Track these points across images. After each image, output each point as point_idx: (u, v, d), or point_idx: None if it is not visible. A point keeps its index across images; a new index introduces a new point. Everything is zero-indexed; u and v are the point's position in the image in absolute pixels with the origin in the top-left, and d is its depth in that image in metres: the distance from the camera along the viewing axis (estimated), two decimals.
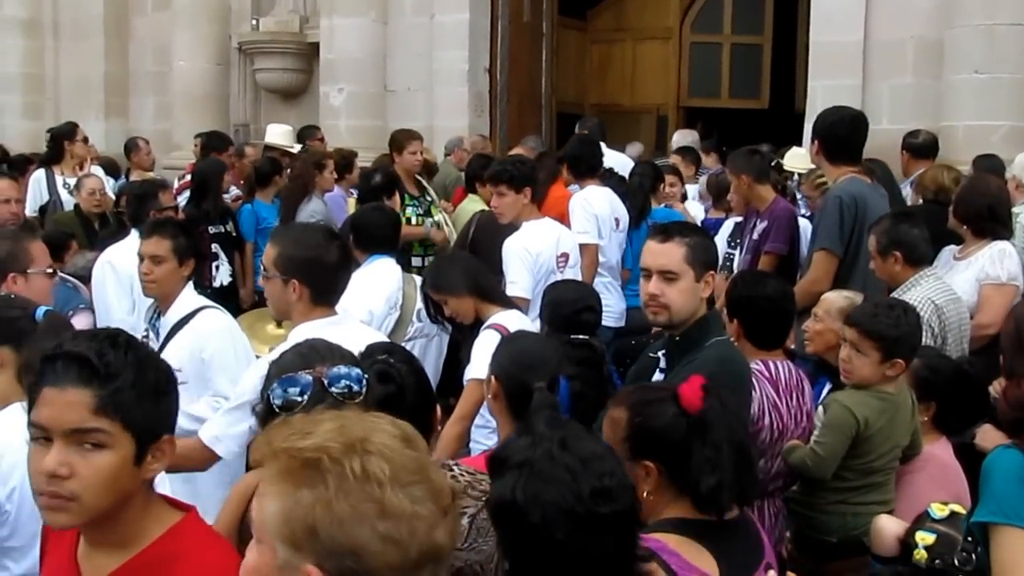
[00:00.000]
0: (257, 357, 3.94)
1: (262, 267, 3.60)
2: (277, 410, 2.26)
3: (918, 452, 3.86)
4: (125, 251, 4.98)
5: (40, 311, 3.01)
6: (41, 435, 1.91)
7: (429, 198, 7.49)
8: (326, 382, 2.27)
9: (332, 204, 7.65)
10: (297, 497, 1.38)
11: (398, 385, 2.48)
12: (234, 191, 8.55)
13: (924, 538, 2.92)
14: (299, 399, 2.26)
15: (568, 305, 4.20)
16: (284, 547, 1.39)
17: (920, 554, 2.88)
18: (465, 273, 4.38)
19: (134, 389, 1.92)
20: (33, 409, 1.92)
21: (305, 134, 10.06)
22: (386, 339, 3.85)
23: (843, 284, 4.90)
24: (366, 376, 2.30)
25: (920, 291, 4.55)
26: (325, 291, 3.50)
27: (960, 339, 4.65)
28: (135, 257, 4.39)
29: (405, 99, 11.30)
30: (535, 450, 2.00)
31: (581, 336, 3.66)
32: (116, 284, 5.10)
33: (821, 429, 3.72)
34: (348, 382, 2.28)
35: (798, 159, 7.91)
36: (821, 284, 4.95)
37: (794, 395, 3.87)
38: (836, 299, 4.35)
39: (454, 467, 2.62)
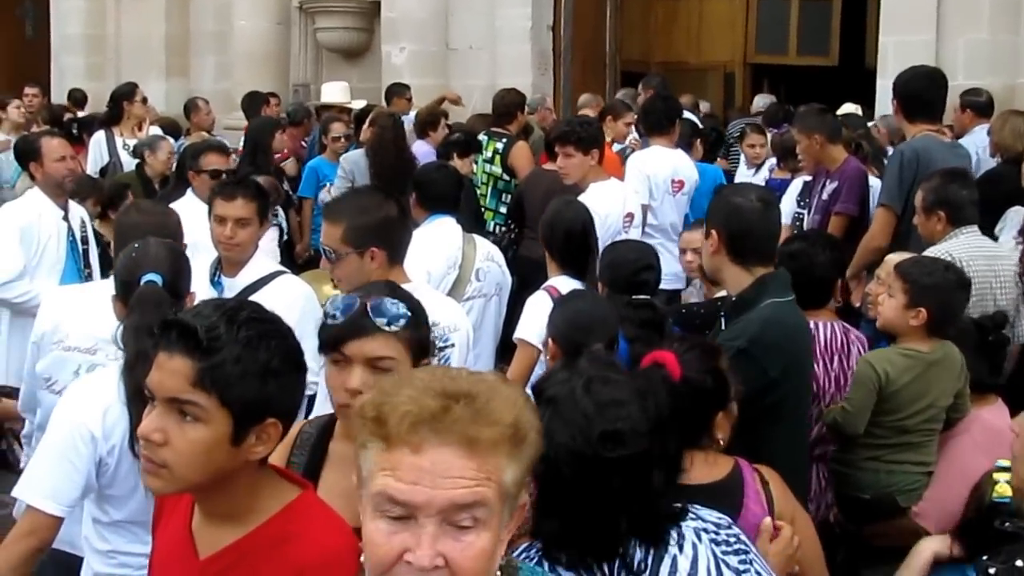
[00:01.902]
0: None
1: (329, 251, 3.43)
2: (325, 318, 2.36)
3: (963, 415, 3.85)
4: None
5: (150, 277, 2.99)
6: (150, 397, 1.90)
7: None
8: (369, 309, 2.30)
9: (422, 159, 7.58)
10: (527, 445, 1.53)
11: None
12: (285, 150, 8.55)
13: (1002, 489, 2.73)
14: (339, 315, 2.32)
15: (627, 265, 4.18)
16: (515, 500, 1.53)
17: (1003, 488, 2.67)
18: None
19: (238, 365, 1.85)
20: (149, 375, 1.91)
21: (394, 92, 10.02)
22: (459, 309, 3.84)
23: (903, 240, 4.92)
24: (406, 317, 2.31)
25: (945, 245, 4.46)
26: (399, 249, 3.44)
27: (991, 295, 4.47)
28: (189, 216, 4.28)
29: (467, 58, 11.21)
30: (564, 388, 2.09)
31: (642, 296, 3.67)
32: None
33: (850, 386, 3.78)
34: (384, 317, 2.30)
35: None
36: (877, 240, 5.07)
37: (836, 358, 3.88)
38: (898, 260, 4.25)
39: None
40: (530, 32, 10.85)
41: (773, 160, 8.24)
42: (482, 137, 7.68)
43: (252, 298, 3.95)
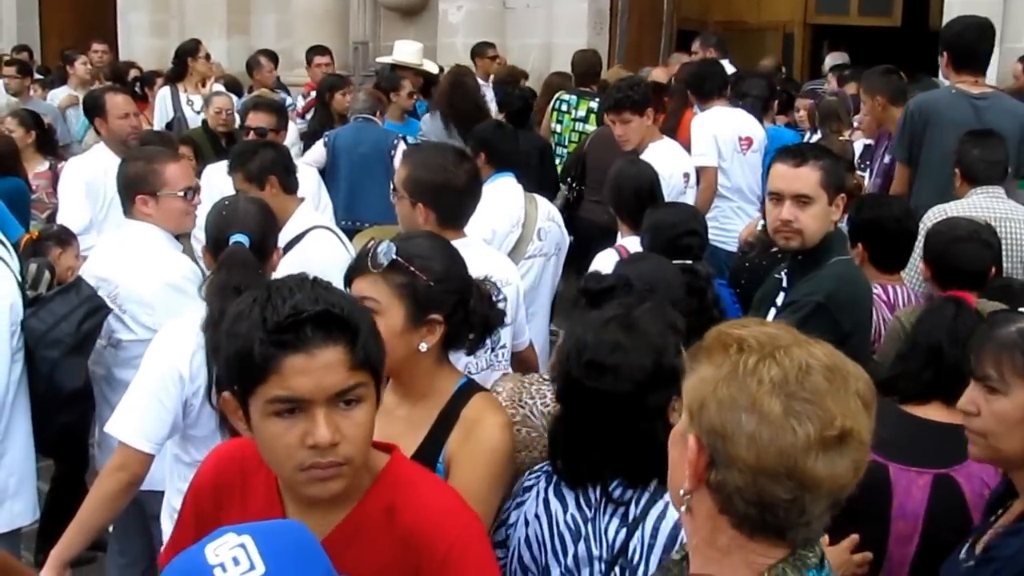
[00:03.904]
0: None
1: (392, 186, 3.58)
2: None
3: None
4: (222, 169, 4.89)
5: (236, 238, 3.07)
6: (286, 408, 1.72)
7: None
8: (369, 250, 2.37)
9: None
10: (702, 372, 1.47)
11: None
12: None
13: None
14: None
15: (668, 229, 4.10)
16: (686, 414, 1.49)
17: None
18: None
19: (372, 332, 1.80)
20: (273, 382, 1.71)
21: (478, 51, 10.04)
22: (509, 263, 3.88)
23: (909, 191, 5.06)
24: (389, 260, 2.34)
25: (952, 204, 4.47)
26: (452, 215, 3.47)
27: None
28: None
29: (524, 16, 11.18)
30: (593, 318, 2.27)
31: (686, 261, 3.63)
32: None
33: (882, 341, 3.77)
34: (376, 259, 2.34)
35: None
36: (897, 193, 5.11)
37: None
38: None
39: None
40: None
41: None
42: (570, 96, 7.72)
43: (290, 251, 4.09)
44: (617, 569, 2.12)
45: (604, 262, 4.27)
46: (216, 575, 1.39)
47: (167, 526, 3.11)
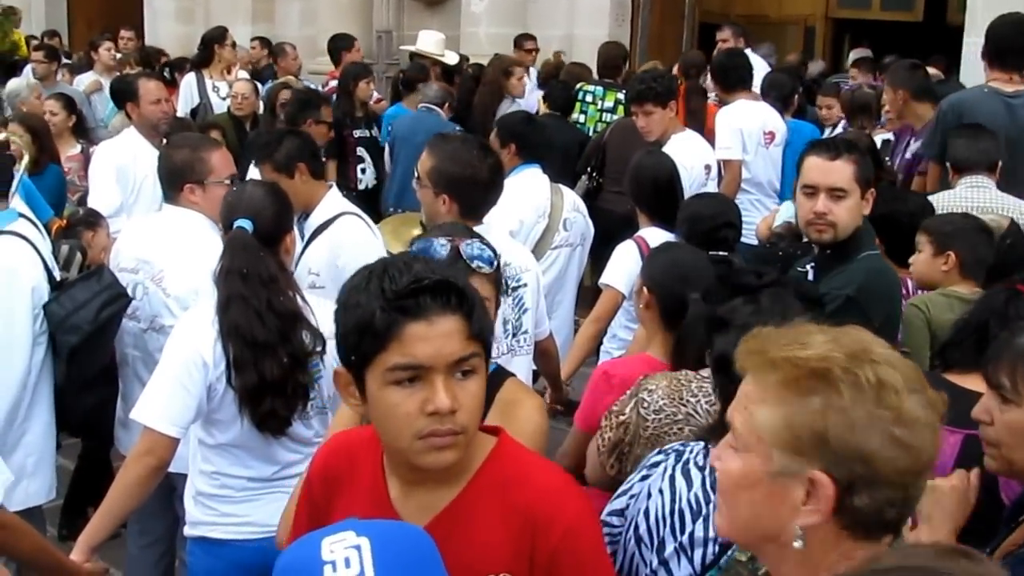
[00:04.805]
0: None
1: (416, 174, 3.63)
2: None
3: None
4: None
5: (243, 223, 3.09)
6: (406, 376, 1.74)
7: None
8: (463, 254, 2.37)
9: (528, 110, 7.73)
10: (804, 404, 1.40)
11: None
12: (375, 95, 8.67)
13: None
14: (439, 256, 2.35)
15: (706, 221, 4.14)
16: (783, 453, 1.42)
17: None
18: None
19: (483, 307, 1.83)
20: (393, 349, 1.73)
21: (517, 42, 10.13)
22: (528, 252, 3.93)
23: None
24: (495, 258, 2.39)
25: (935, 196, 4.57)
26: (474, 207, 3.52)
27: None
28: None
29: (545, 7, 11.19)
30: (755, 318, 2.18)
31: (720, 252, 3.64)
32: None
33: (902, 332, 3.76)
34: (479, 260, 2.37)
35: None
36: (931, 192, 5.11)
37: None
38: None
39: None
40: None
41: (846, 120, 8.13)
42: (595, 87, 7.78)
43: (319, 236, 4.12)
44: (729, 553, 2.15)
45: (624, 253, 4.32)
46: (326, 573, 1.39)
47: (190, 507, 3.18)
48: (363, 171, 7.55)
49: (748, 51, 7.56)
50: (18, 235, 3.66)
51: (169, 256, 3.74)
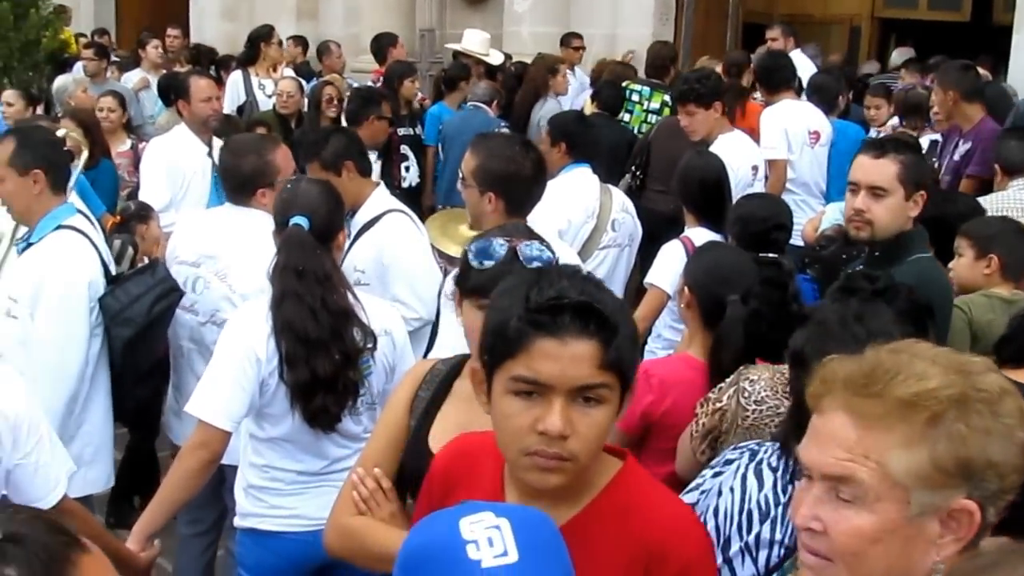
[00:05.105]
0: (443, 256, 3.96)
1: (460, 175, 3.65)
2: (474, 264, 2.35)
3: None
4: None
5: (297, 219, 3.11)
6: (528, 389, 1.72)
7: None
8: (520, 255, 2.32)
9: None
10: (947, 437, 1.37)
11: None
12: (419, 93, 8.72)
13: None
14: (486, 262, 2.33)
15: (758, 222, 4.14)
16: (924, 492, 1.38)
17: None
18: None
19: (629, 338, 1.77)
20: (520, 360, 1.72)
21: (564, 41, 10.15)
22: (573, 252, 3.93)
23: None
24: (553, 259, 2.35)
25: (985, 199, 4.57)
26: (519, 204, 3.53)
27: None
28: None
29: (589, 6, 11.17)
30: (835, 315, 2.25)
31: (771, 254, 3.64)
32: None
33: None
34: (538, 261, 2.30)
35: None
36: None
37: None
38: None
39: None
40: None
41: (896, 120, 8.05)
42: (642, 88, 7.78)
43: (366, 234, 4.14)
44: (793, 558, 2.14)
45: (670, 253, 4.32)
46: (470, 552, 1.38)
47: (240, 499, 3.24)
48: (407, 169, 7.59)
49: (796, 51, 7.50)
50: (76, 229, 3.74)
51: (237, 253, 3.79)
